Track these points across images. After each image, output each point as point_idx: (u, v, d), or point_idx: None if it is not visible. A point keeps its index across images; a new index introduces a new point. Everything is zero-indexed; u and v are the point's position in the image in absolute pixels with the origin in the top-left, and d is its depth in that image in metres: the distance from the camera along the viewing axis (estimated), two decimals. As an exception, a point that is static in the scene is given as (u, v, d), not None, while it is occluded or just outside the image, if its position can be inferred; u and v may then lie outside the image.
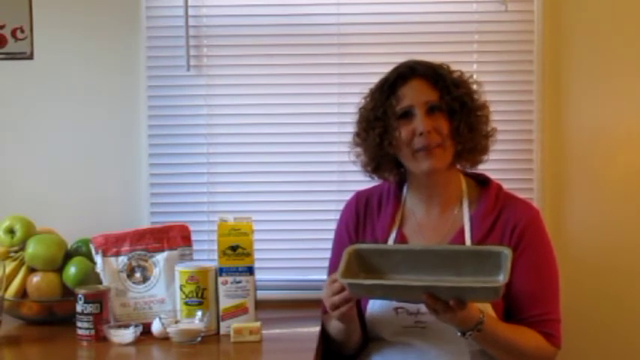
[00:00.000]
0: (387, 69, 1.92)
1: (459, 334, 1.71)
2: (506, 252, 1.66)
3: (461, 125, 1.83)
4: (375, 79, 1.93)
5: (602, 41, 2.32)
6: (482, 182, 1.95)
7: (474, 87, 1.92)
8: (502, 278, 1.62)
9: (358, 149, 1.95)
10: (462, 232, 1.87)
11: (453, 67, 1.92)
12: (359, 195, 2.02)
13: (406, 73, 1.87)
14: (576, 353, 2.34)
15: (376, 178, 1.97)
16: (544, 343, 1.82)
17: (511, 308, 1.83)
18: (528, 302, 1.82)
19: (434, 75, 1.85)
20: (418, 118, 1.83)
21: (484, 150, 1.90)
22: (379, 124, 1.87)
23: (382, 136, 1.87)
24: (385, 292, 1.71)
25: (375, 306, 1.86)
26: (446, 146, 1.84)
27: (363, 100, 1.94)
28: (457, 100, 1.84)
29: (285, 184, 2.37)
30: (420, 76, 1.86)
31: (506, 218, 1.87)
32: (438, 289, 1.62)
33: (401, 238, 1.91)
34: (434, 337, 1.81)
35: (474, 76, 1.96)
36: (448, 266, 1.70)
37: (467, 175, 1.96)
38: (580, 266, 2.34)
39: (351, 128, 1.96)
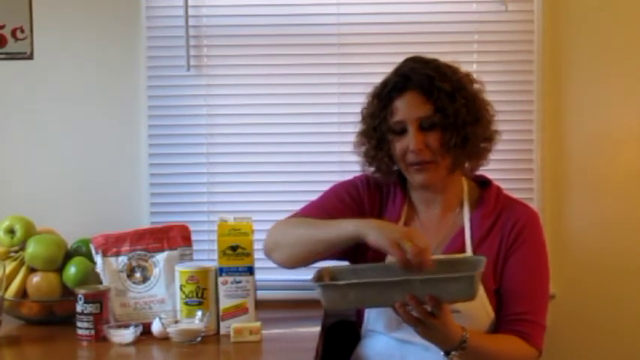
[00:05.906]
0: (387, 69, 1.91)
1: (442, 354, 1.69)
2: (482, 258, 1.67)
3: (453, 139, 1.80)
4: (375, 80, 1.92)
5: (602, 41, 2.32)
6: (483, 183, 1.94)
7: (476, 86, 1.88)
8: (478, 270, 1.60)
9: (359, 153, 1.94)
10: (462, 232, 1.87)
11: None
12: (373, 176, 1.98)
13: (401, 83, 1.83)
14: (576, 353, 2.34)
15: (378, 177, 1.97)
16: (525, 348, 1.79)
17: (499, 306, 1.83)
18: (513, 299, 1.81)
19: (429, 86, 1.81)
20: (410, 134, 1.81)
21: (482, 155, 1.88)
22: (375, 135, 1.87)
23: (376, 149, 1.88)
24: (359, 295, 1.63)
25: None
26: (439, 161, 1.82)
27: (365, 100, 1.92)
28: (451, 115, 1.80)
29: (285, 184, 2.38)
30: (415, 88, 1.82)
31: (506, 218, 1.86)
32: (413, 285, 1.58)
33: None
34: None
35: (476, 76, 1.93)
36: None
37: (468, 177, 1.95)
38: (580, 266, 2.34)
39: (351, 128, 1.96)
